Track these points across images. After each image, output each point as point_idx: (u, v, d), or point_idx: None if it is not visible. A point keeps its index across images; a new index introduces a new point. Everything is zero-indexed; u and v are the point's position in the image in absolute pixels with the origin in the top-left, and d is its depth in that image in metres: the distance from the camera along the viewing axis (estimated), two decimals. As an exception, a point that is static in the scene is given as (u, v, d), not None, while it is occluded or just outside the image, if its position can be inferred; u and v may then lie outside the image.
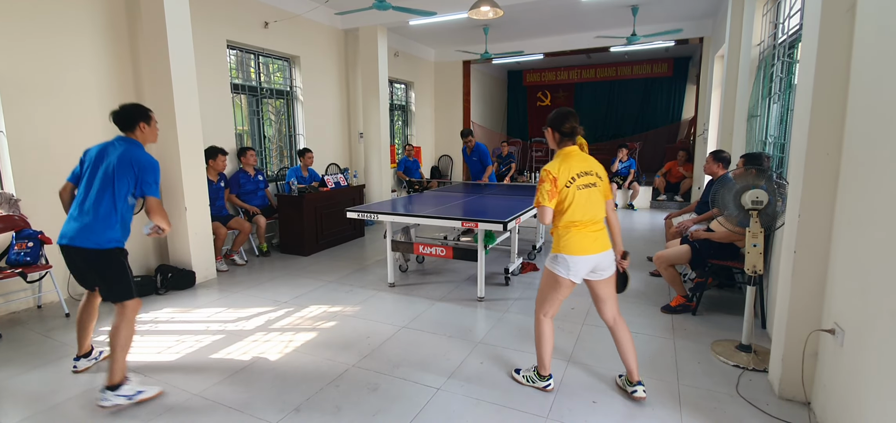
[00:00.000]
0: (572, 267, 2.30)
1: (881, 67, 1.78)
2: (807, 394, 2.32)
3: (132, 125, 2.58)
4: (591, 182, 2.32)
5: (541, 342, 2.48)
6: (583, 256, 2.30)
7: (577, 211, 2.28)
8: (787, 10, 3.60)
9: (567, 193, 2.28)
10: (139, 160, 2.50)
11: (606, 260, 2.36)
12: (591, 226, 2.32)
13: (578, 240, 2.30)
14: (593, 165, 2.37)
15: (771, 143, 3.83)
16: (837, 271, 2.11)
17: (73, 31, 4.05)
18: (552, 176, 2.28)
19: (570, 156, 2.33)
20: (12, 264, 3.52)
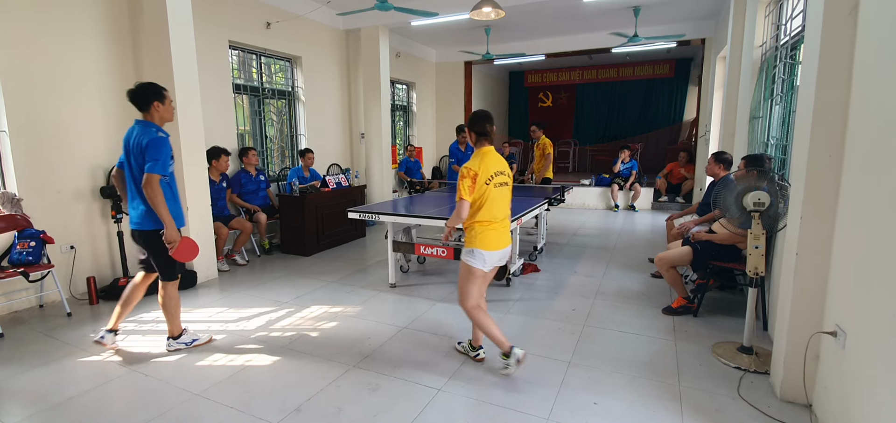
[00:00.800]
0: (488, 260, 2.58)
1: (884, 69, 1.77)
2: (808, 396, 2.32)
3: (147, 105, 2.72)
4: (503, 182, 2.59)
5: (485, 328, 2.62)
6: (496, 251, 2.58)
7: (493, 209, 2.54)
8: (790, 12, 3.60)
9: (485, 191, 2.51)
10: (145, 139, 2.64)
11: (509, 251, 2.70)
12: (503, 223, 2.61)
13: (492, 236, 2.57)
14: (505, 166, 2.64)
15: (773, 144, 3.83)
16: (839, 273, 2.11)
17: (76, 31, 4.07)
18: (473, 173, 2.49)
19: (487, 155, 2.56)
20: (14, 264, 3.54)
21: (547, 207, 4.90)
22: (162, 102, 2.74)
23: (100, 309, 3.84)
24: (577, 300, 3.87)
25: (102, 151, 4.31)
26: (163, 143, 2.66)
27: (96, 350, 3.06)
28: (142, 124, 2.73)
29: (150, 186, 2.62)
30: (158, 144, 2.64)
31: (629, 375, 2.68)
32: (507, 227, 2.66)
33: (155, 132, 2.70)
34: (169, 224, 2.72)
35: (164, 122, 2.79)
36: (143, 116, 2.76)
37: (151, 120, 2.75)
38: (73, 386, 2.62)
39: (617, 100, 13.52)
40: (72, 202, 4.12)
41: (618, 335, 3.21)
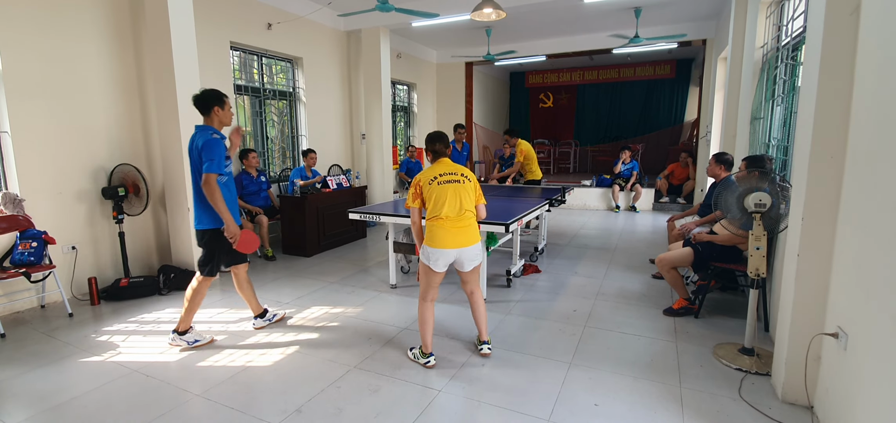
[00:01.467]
0: (432, 257, 2.65)
1: (886, 70, 1.77)
2: (810, 398, 2.31)
3: (208, 110, 2.90)
4: (454, 178, 2.68)
5: (421, 324, 2.78)
6: (444, 248, 2.62)
7: (439, 205, 2.63)
8: (791, 13, 3.59)
9: (430, 190, 2.66)
10: (201, 141, 2.81)
11: (471, 254, 2.71)
12: (455, 220, 2.64)
13: (440, 234, 2.62)
14: (460, 170, 2.74)
15: (774, 145, 3.82)
16: (841, 275, 2.10)
17: (78, 32, 4.08)
18: (416, 182, 2.73)
19: (439, 164, 2.76)
20: (16, 264, 3.54)
21: (548, 208, 4.90)
22: (221, 107, 2.92)
23: (101, 310, 3.85)
24: (577, 301, 3.87)
25: (104, 152, 4.32)
26: (217, 143, 2.82)
27: (98, 351, 3.06)
28: (200, 129, 2.90)
29: (207, 185, 2.78)
30: (213, 145, 2.80)
31: (630, 376, 2.67)
32: (461, 227, 2.66)
33: (210, 134, 2.85)
34: (228, 221, 2.89)
35: (223, 125, 2.97)
36: (204, 120, 2.93)
37: (211, 123, 2.92)
38: (74, 387, 2.62)
39: (618, 100, 13.50)
40: (74, 203, 4.13)
41: (619, 337, 3.20)
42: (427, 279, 2.74)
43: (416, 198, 2.72)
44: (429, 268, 2.69)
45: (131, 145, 4.54)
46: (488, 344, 2.94)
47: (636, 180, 8.64)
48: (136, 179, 4.27)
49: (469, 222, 2.71)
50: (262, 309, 3.41)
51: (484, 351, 2.90)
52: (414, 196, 2.73)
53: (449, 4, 6.28)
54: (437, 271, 2.69)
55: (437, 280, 2.73)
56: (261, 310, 3.40)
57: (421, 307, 2.79)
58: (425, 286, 2.76)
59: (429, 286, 2.75)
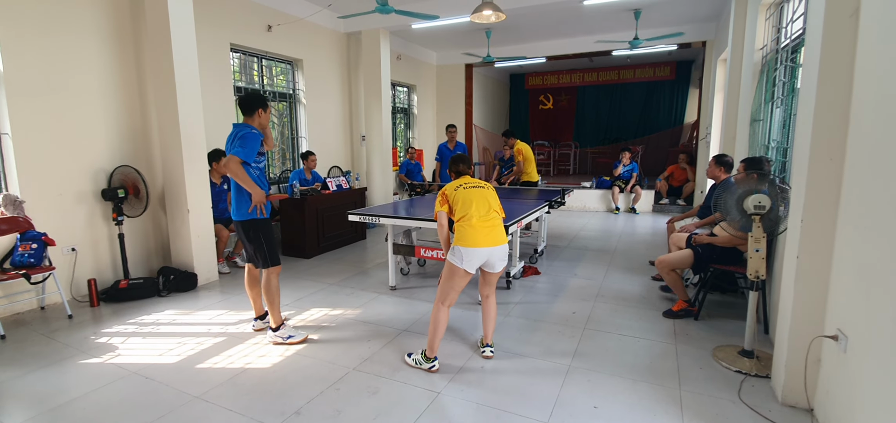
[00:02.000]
0: (466, 258, 2.63)
1: (885, 72, 1.77)
2: (810, 401, 2.31)
3: (252, 111, 3.05)
4: (478, 186, 2.78)
5: (433, 327, 2.72)
6: (476, 247, 2.62)
7: (468, 206, 2.67)
8: (790, 15, 3.60)
9: (456, 196, 2.74)
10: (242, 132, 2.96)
11: (501, 253, 2.71)
12: (484, 220, 2.67)
13: (471, 233, 2.63)
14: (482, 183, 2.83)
15: (774, 147, 3.82)
16: (841, 277, 2.10)
17: (78, 33, 4.08)
18: (442, 191, 2.81)
19: (463, 176, 2.90)
20: (16, 266, 3.54)
21: (547, 209, 4.90)
22: (264, 110, 3.10)
23: (100, 311, 3.84)
24: (577, 303, 3.87)
25: (104, 153, 4.32)
26: (255, 137, 2.98)
27: (98, 353, 3.06)
28: (240, 125, 3.06)
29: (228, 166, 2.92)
30: (250, 137, 2.96)
31: (630, 378, 2.67)
32: (492, 226, 2.69)
33: (249, 129, 3.01)
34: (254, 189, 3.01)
35: (262, 127, 3.13)
36: (245, 119, 3.07)
37: (251, 123, 3.06)
38: (73, 388, 2.62)
39: (618, 102, 13.51)
40: (74, 205, 4.13)
41: (618, 339, 3.20)
42: (451, 283, 2.68)
43: (443, 203, 2.77)
44: (455, 270, 2.65)
45: (131, 147, 4.54)
46: (491, 348, 2.94)
47: (636, 182, 8.64)
48: (136, 181, 4.27)
49: (497, 222, 2.74)
50: (264, 311, 3.40)
51: (486, 354, 2.92)
52: (441, 202, 2.77)
53: (449, 6, 6.29)
54: (468, 272, 2.65)
55: (461, 284, 2.69)
56: (263, 312, 3.40)
57: (437, 311, 2.72)
58: (447, 290, 2.70)
59: (451, 290, 2.70)
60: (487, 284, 2.86)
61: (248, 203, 3.05)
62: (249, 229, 3.10)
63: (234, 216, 3.13)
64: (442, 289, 2.72)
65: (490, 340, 2.95)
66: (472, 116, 10.78)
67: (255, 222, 3.09)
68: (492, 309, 2.92)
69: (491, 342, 2.96)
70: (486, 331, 2.96)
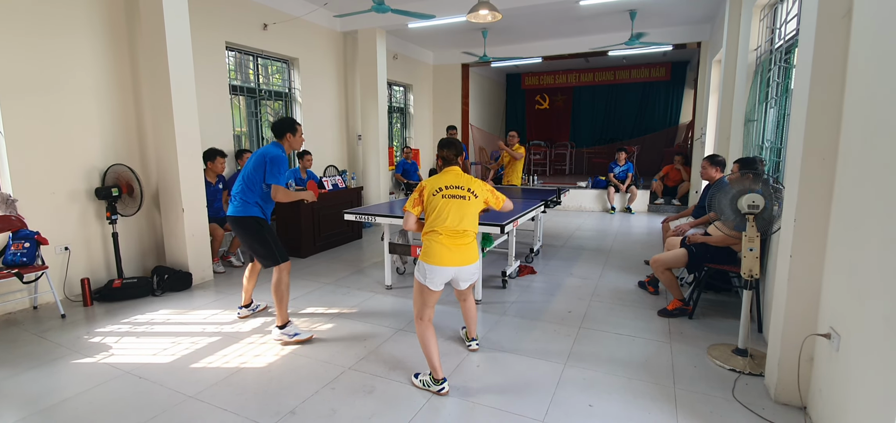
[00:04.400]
0: (429, 275, 2.46)
1: (877, 73, 1.79)
2: (803, 399, 2.33)
3: (282, 135, 3.18)
4: (459, 194, 2.48)
5: (424, 348, 2.53)
6: (440, 266, 2.43)
7: (439, 220, 2.44)
8: (784, 16, 3.62)
9: (433, 202, 2.47)
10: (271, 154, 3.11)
11: (466, 274, 2.54)
12: (454, 238, 2.45)
13: (438, 250, 2.44)
14: (470, 183, 2.53)
15: (768, 147, 3.85)
16: (833, 276, 2.12)
17: (72, 31, 4.05)
18: (421, 187, 2.55)
19: (448, 173, 2.56)
20: (8, 265, 3.51)
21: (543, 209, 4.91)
22: (293, 134, 3.20)
23: (94, 311, 3.82)
24: (573, 302, 3.88)
25: (98, 152, 4.29)
26: (284, 160, 3.18)
27: (91, 352, 3.04)
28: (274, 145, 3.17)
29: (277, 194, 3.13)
30: (281, 161, 3.14)
31: (625, 377, 2.68)
32: (462, 244, 2.47)
33: (281, 151, 3.16)
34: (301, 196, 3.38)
35: (292, 149, 3.26)
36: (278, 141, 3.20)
37: (282, 144, 3.19)
38: (66, 388, 2.60)
39: (613, 103, 13.56)
40: (67, 203, 4.10)
41: (613, 337, 3.21)
42: (422, 298, 2.52)
43: (416, 204, 2.54)
44: (421, 285, 2.50)
45: (125, 145, 4.51)
46: (477, 341, 3.02)
47: (631, 182, 8.67)
48: (130, 180, 4.24)
49: (469, 240, 2.52)
50: (251, 300, 3.65)
51: (472, 347, 3.00)
52: (415, 202, 2.54)
53: (445, 6, 6.29)
54: (433, 290, 2.49)
55: (432, 299, 2.52)
56: (250, 301, 3.63)
57: (419, 328, 2.54)
58: (420, 305, 2.53)
59: (424, 305, 2.52)
60: (460, 294, 2.84)
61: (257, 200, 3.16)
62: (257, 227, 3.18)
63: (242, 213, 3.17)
64: (415, 304, 2.57)
65: (474, 333, 3.02)
66: (468, 115, 10.79)
67: (261, 221, 3.20)
68: (470, 311, 2.94)
69: (476, 336, 3.03)
70: (469, 327, 3.02)
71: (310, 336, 3.20)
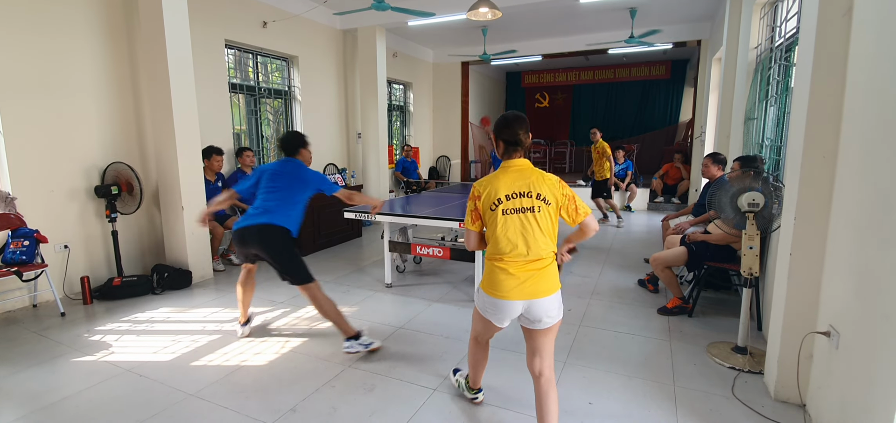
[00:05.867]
0: (490, 308, 1.91)
1: (878, 71, 1.79)
2: (802, 396, 2.33)
3: (295, 150, 3.16)
4: (525, 206, 1.83)
5: (471, 361, 2.29)
6: (503, 300, 1.85)
7: (501, 241, 1.84)
8: (784, 14, 3.62)
9: (490, 218, 1.87)
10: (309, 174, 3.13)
11: (542, 309, 1.84)
12: (523, 264, 1.83)
13: (500, 278, 1.85)
14: (536, 184, 1.85)
15: (768, 145, 3.85)
16: (833, 274, 2.12)
17: (71, 30, 4.04)
18: (475, 195, 1.91)
19: (507, 171, 1.89)
20: (8, 263, 3.51)
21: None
22: (306, 149, 3.21)
23: (93, 309, 3.82)
24: (572, 301, 3.88)
25: (97, 150, 4.28)
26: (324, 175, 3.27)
27: (91, 350, 3.04)
28: (294, 162, 3.13)
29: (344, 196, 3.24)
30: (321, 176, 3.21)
31: (624, 375, 2.68)
32: (534, 270, 1.83)
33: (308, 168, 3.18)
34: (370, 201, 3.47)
35: (308, 163, 3.24)
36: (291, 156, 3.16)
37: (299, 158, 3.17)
38: (66, 386, 2.60)
39: (613, 101, 13.55)
40: (66, 202, 4.10)
41: (613, 336, 3.21)
42: (483, 326, 2.03)
43: (475, 219, 1.93)
44: (479, 314, 2.00)
45: (125, 143, 4.50)
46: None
47: (631, 180, 8.67)
48: (130, 178, 4.24)
49: (544, 265, 1.85)
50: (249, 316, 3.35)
51: None
52: (473, 216, 1.93)
53: (445, 3, 6.28)
54: (492, 323, 1.96)
55: (490, 332, 2.05)
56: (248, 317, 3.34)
57: (473, 347, 2.21)
58: (479, 331, 2.11)
59: (484, 332, 2.10)
60: (535, 351, 1.94)
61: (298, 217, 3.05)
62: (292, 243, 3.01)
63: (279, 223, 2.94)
64: (473, 325, 2.15)
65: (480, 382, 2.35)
66: (468, 114, 10.77)
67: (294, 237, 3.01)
68: (550, 402, 1.91)
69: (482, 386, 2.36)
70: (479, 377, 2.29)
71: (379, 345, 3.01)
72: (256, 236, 2.93)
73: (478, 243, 1.99)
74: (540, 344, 1.93)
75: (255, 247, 2.98)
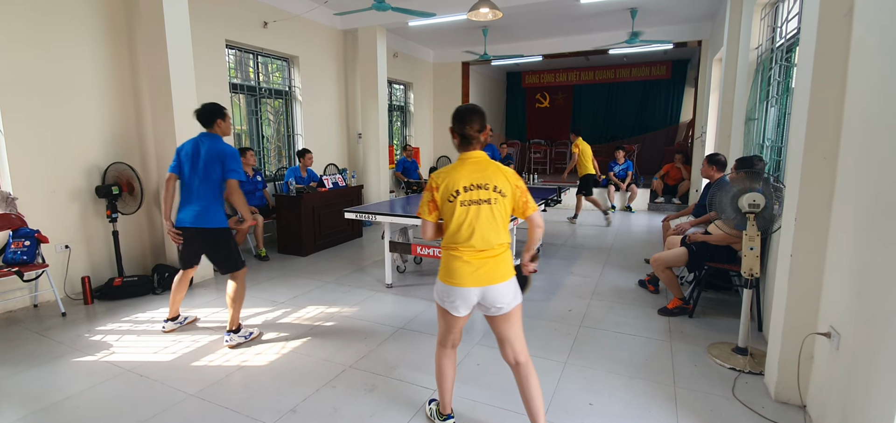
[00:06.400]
0: (446, 297, 1.94)
1: (878, 72, 1.79)
2: (802, 397, 2.33)
3: (212, 122, 3.02)
4: (483, 198, 1.89)
5: (437, 375, 2.16)
6: (459, 287, 1.89)
7: (458, 231, 1.90)
8: (785, 15, 3.62)
9: (448, 209, 1.91)
10: (222, 149, 2.97)
11: (497, 294, 1.90)
12: (477, 253, 1.89)
13: (455, 266, 1.90)
14: (492, 176, 1.91)
15: (768, 146, 3.84)
16: (833, 275, 2.12)
17: (72, 30, 4.04)
18: (433, 186, 1.95)
19: (466, 163, 1.94)
20: (9, 263, 3.51)
21: (544, 207, 4.91)
22: (223, 120, 3.07)
23: (94, 309, 3.82)
24: (573, 301, 3.88)
25: (98, 150, 4.29)
26: (237, 153, 3.03)
27: (92, 350, 3.04)
28: (211, 137, 3.02)
29: (236, 192, 2.97)
30: (235, 155, 3.00)
31: (625, 375, 2.68)
32: (488, 257, 1.90)
33: (226, 144, 3.02)
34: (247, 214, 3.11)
35: (225, 135, 3.11)
36: (208, 130, 3.04)
37: (216, 133, 3.05)
38: (67, 386, 2.61)
39: (614, 101, 13.54)
40: (67, 202, 4.10)
41: (614, 336, 3.21)
42: (444, 322, 2.04)
43: (432, 209, 1.96)
44: (444, 310, 2.00)
45: (125, 144, 4.51)
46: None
47: (632, 181, 8.67)
48: (131, 178, 4.24)
49: (498, 252, 1.92)
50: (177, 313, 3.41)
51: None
52: (430, 206, 1.96)
53: (445, 4, 6.28)
54: (457, 316, 1.97)
55: (456, 325, 2.03)
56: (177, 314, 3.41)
57: (438, 354, 2.13)
58: (442, 330, 2.08)
59: (447, 330, 2.06)
60: (504, 339, 2.00)
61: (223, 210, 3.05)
62: (222, 236, 3.05)
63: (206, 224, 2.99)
64: (439, 327, 2.11)
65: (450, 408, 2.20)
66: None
67: (227, 230, 3.07)
68: (530, 383, 1.98)
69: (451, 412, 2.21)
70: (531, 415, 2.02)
71: (259, 332, 3.23)
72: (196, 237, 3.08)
73: (434, 233, 2.03)
74: (505, 331, 1.99)
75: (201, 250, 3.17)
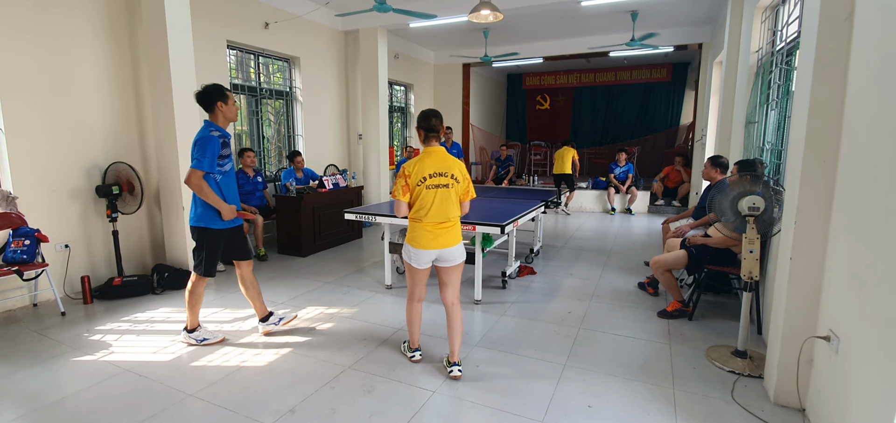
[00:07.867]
0: (413, 256, 2.63)
1: (878, 76, 1.79)
2: (802, 401, 2.33)
3: (212, 106, 2.85)
4: (442, 183, 2.55)
5: (408, 322, 2.84)
6: (423, 250, 2.59)
7: (423, 209, 2.55)
8: (786, 18, 3.62)
9: (417, 192, 2.55)
10: (197, 136, 2.79)
11: (450, 254, 2.63)
12: (438, 225, 2.58)
13: (422, 235, 2.58)
14: (451, 167, 2.57)
15: (768, 149, 3.85)
16: (833, 278, 2.12)
17: (73, 30, 4.05)
18: (406, 174, 2.57)
19: (429, 155, 2.57)
20: (8, 262, 3.52)
21: (543, 210, 4.91)
22: (225, 103, 2.87)
23: (94, 309, 3.82)
24: (572, 303, 3.88)
25: (99, 149, 4.29)
26: (212, 141, 2.78)
27: (91, 350, 3.04)
28: (205, 123, 2.89)
29: (189, 180, 2.77)
30: (207, 142, 2.77)
31: (624, 378, 2.68)
32: (446, 227, 2.59)
33: (208, 131, 2.81)
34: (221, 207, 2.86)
35: (228, 121, 2.93)
36: (209, 116, 2.90)
37: (215, 120, 2.88)
38: (66, 386, 2.61)
39: (614, 103, 13.55)
40: (67, 201, 4.10)
41: (613, 338, 3.21)
42: (412, 277, 2.71)
43: (405, 191, 2.57)
44: (411, 266, 2.67)
45: (126, 143, 4.51)
46: (459, 366, 2.67)
47: (632, 183, 8.67)
48: (131, 178, 4.24)
49: (451, 224, 2.63)
50: (267, 312, 3.27)
51: (454, 374, 2.64)
52: (404, 189, 2.57)
53: (447, 5, 6.29)
54: (420, 268, 2.66)
55: (421, 278, 2.71)
56: (266, 313, 3.27)
57: (408, 307, 2.80)
58: (411, 285, 2.74)
59: (415, 284, 2.73)
60: (446, 285, 2.70)
61: (205, 208, 2.87)
62: (198, 234, 2.93)
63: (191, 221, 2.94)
64: (408, 285, 2.77)
65: (456, 357, 2.69)
66: (469, 115, 10.78)
67: (207, 230, 2.91)
68: (456, 321, 2.69)
69: (458, 361, 2.69)
70: (451, 347, 2.69)
71: (221, 338, 3.15)
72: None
73: (406, 211, 2.64)
74: (448, 278, 2.70)
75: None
